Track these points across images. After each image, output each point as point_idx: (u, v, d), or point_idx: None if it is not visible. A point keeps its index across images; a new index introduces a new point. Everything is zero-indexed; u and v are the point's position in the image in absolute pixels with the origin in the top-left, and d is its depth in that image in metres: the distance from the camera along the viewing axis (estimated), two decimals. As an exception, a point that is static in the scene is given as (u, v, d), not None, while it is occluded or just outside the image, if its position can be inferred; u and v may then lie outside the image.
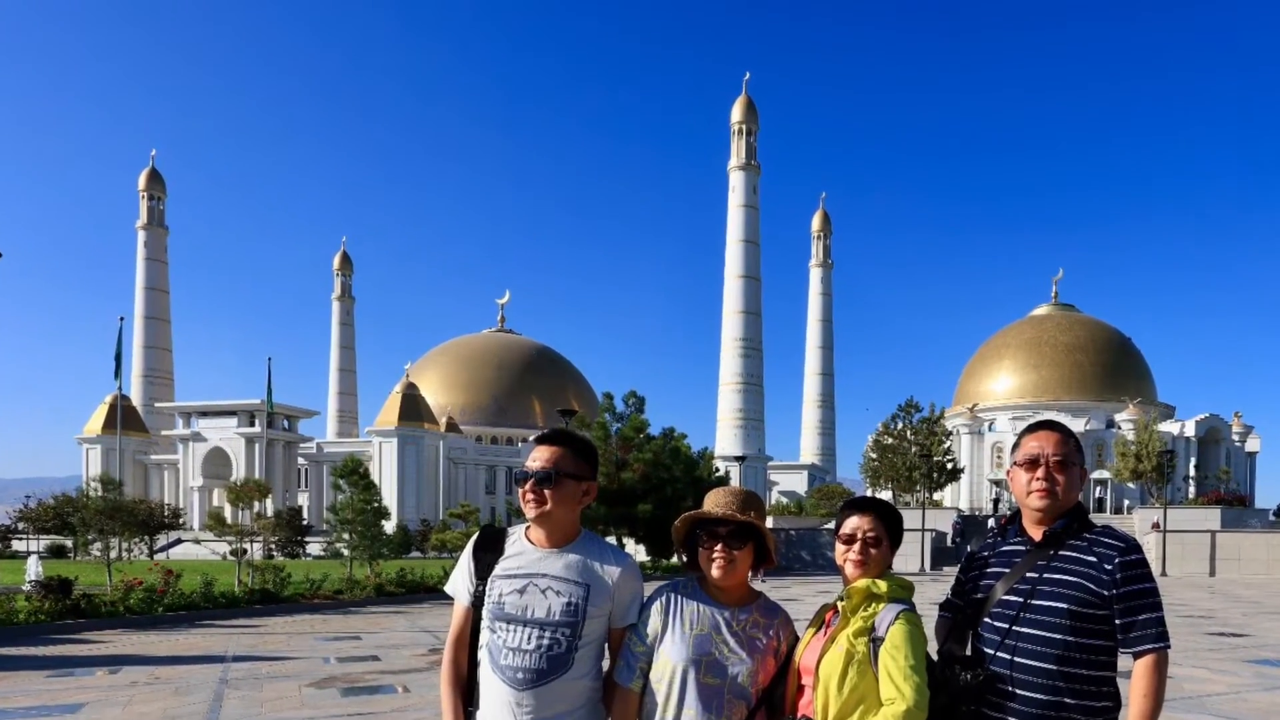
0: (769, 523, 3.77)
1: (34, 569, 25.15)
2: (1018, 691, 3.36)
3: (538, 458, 3.59)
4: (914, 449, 71.88)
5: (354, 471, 30.08)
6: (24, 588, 22.78)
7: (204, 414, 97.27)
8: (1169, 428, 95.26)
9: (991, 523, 57.46)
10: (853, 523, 3.56)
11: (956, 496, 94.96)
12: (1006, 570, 3.53)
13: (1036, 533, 3.54)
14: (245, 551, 28.69)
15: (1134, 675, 3.34)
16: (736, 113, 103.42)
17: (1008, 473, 3.74)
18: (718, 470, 53.15)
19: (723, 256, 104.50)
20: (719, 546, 3.51)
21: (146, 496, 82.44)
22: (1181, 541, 49.85)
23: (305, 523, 75.42)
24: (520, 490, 3.60)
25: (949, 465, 73.93)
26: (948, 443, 76.60)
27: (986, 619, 3.50)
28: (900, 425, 75.45)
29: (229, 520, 42.78)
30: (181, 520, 78.33)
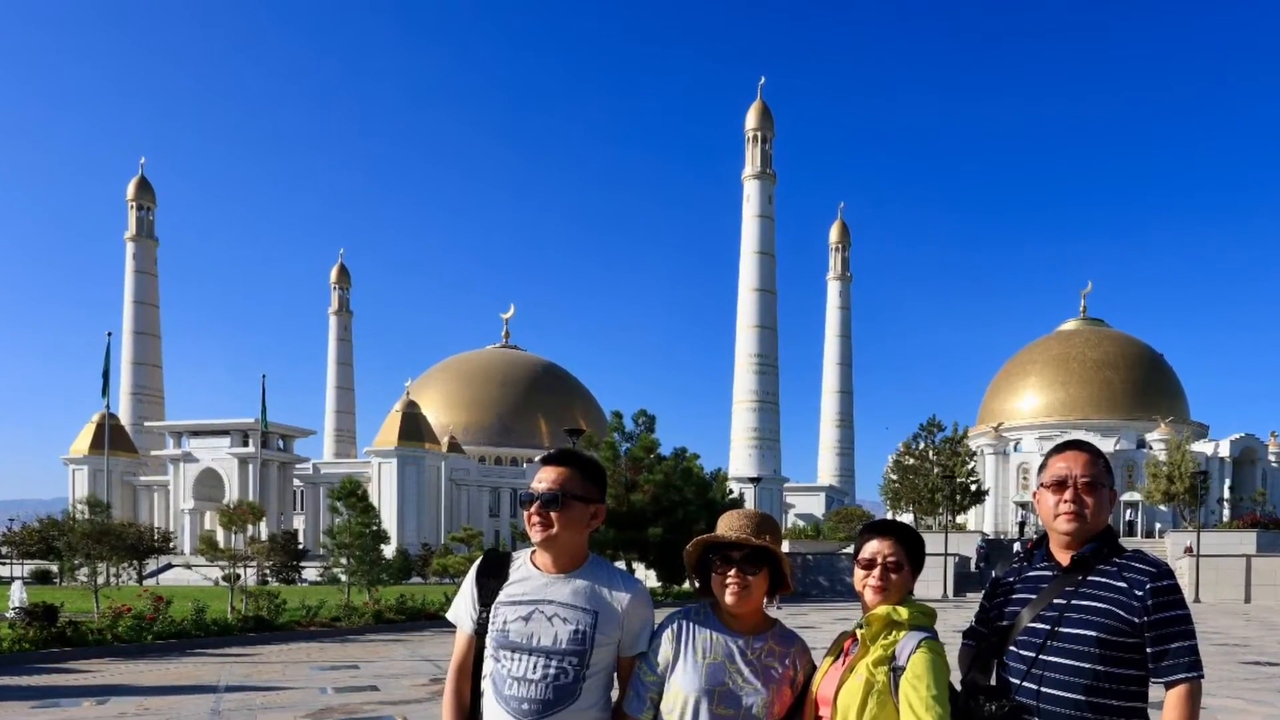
0: (785, 547, 3.77)
1: (18, 595, 25.20)
2: (1045, 723, 3.35)
3: (544, 479, 3.57)
4: (936, 470, 71.78)
5: (352, 493, 30.11)
6: (7, 615, 22.81)
7: (195, 433, 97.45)
8: (1202, 448, 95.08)
9: (1017, 547, 57.21)
10: (872, 547, 3.55)
11: (980, 519, 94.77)
12: (1033, 596, 3.52)
13: (1064, 557, 3.53)
14: (238, 577, 28.74)
15: (1166, 706, 3.33)
16: (751, 119, 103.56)
17: (1034, 494, 3.74)
18: (731, 492, 53.14)
19: (736, 269, 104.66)
20: (733, 572, 3.50)
21: (135, 519, 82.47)
22: (1215, 566, 49.67)
23: (301, 547, 75.35)
24: (525, 513, 3.59)
25: (973, 487, 73.80)
26: (971, 463, 76.47)
27: (1012, 647, 3.49)
28: (922, 445, 75.39)
29: (221, 544, 42.88)
30: (172, 544, 78.41)
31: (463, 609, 3.67)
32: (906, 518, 70.26)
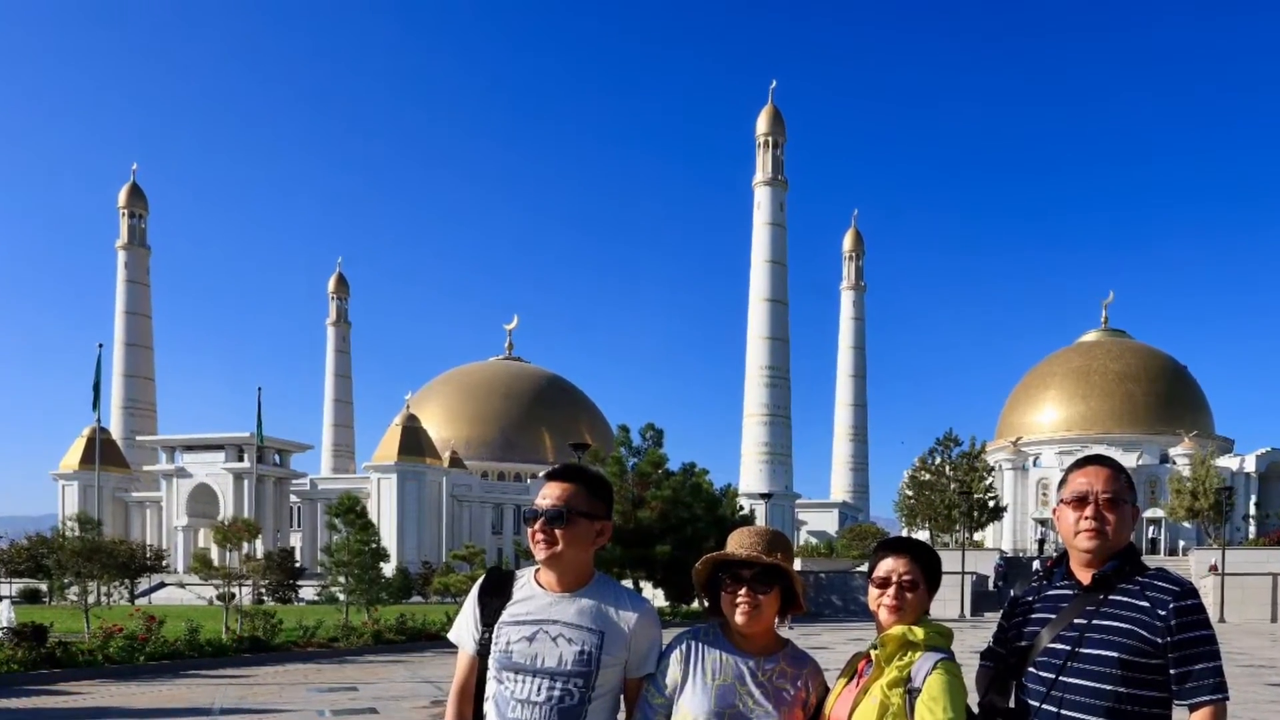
0: (797, 565, 3.76)
1: (6, 614, 25.19)
2: (1065, 747, 3.34)
3: (548, 495, 3.55)
4: (953, 486, 71.62)
5: (350, 510, 30.14)
6: (-4, 635, 22.79)
7: (189, 448, 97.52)
8: (1227, 463, 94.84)
9: (1036, 565, 57.18)
10: (887, 565, 3.54)
11: (999, 537, 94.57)
12: (1053, 616, 3.50)
13: (1085, 576, 3.52)
14: (233, 596, 28.71)
15: (1190, 729, 3.32)
16: (762, 124, 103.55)
17: (1054, 511, 3.72)
18: (742, 508, 53.17)
19: (747, 278, 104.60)
20: (743, 590, 3.48)
21: (127, 536, 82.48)
22: (1241, 585, 49.53)
23: (298, 565, 75.50)
24: (529, 530, 3.57)
25: (991, 503, 73.63)
26: (989, 479, 76.29)
27: (1031, 668, 3.47)
28: (938, 460, 75.24)
29: (216, 562, 42.74)
30: (165, 562, 78.46)
31: (464, 629, 3.65)
32: (922, 535, 70.05)
